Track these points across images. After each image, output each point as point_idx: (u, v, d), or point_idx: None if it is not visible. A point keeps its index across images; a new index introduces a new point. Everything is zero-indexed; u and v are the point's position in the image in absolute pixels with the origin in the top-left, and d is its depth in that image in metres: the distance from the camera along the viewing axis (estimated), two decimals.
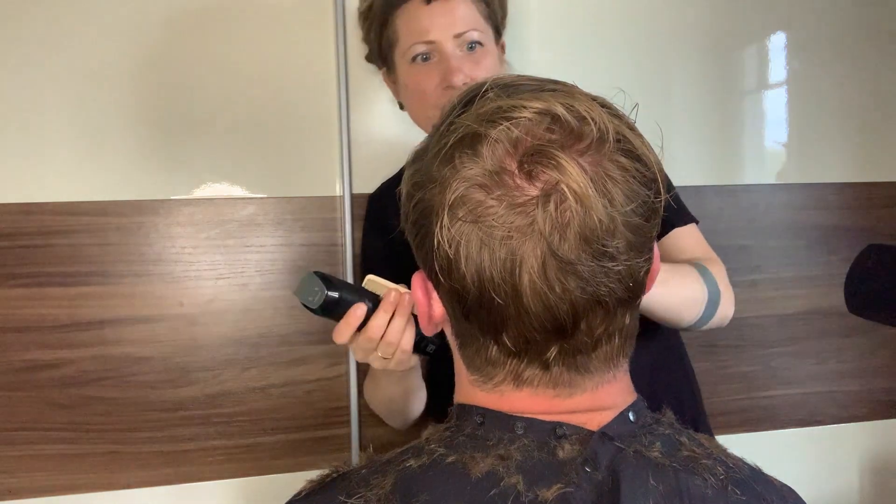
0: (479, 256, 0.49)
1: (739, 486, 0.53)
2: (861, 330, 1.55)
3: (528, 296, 0.49)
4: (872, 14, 1.51)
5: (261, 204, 1.30)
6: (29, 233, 1.22)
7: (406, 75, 1.05)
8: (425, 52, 1.01)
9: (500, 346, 0.52)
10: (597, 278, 0.49)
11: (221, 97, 1.27)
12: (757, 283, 1.49)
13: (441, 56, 1.01)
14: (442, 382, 0.78)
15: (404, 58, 1.04)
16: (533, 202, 0.47)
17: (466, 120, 0.50)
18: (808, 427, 1.55)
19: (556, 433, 0.53)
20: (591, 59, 1.40)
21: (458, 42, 1.01)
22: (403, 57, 1.04)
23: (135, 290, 1.26)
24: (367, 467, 0.56)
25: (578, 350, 0.52)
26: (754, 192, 1.49)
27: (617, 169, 0.49)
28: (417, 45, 1.01)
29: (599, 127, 0.48)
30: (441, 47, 1.00)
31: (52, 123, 1.22)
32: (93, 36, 1.23)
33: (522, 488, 0.49)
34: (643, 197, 0.50)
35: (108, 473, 1.26)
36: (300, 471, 1.33)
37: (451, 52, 1.00)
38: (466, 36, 1.01)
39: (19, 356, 1.23)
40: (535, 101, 0.49)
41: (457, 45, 1.01)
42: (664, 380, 1.08)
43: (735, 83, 1.47)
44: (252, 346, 1.30)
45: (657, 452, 0.53)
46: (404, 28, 1.03)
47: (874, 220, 1.54)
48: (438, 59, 1.01)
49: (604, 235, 0.48)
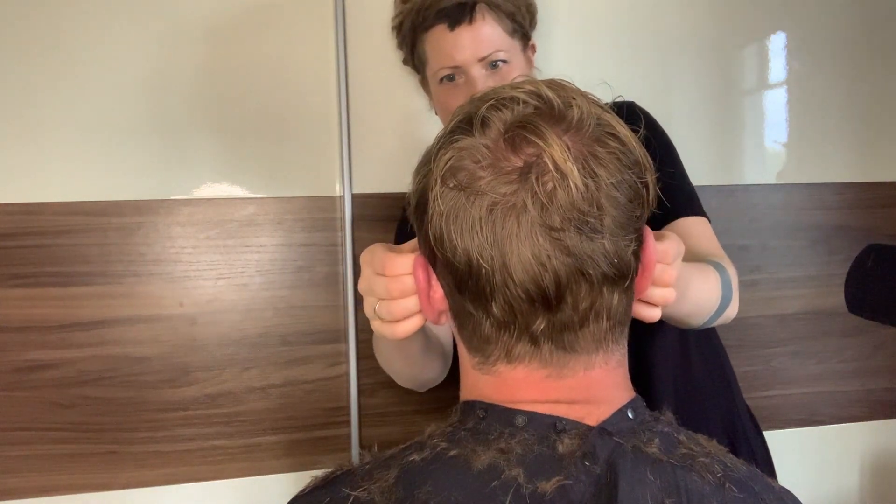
0: (468, 224, 0.51)
1: (737, 485, 0.54)
2: (861, 330, 1.55)
3: (513, 264, 0.51)
4: (872, 14, 1.51)
5: (261, 204, 1.30)
6: (29, 233, 1.22)
7: (436, 93, 1.10)
8: (452, 74, 1.05)
9: (491, 320, 0.54)
10: (580, 250, 0.51)
11: (221, 97, 1.27)
12: (757, 283, 1.50)
13: (467, 78, 1.04)
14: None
15: (434, 77, 1.08)
16: (517, 172, 0.50)
17: (463, 107, 0.55)
18: (809, 427, 1.55)
19: (557, 427, 0.53)
20: (591, 58, 1.41)
21: (484, 64, 1.04)
22: (433, 77, 1.08)
23: (135, 290, 1.26)
24: (370, 463, 0.57)
25: (565, 326, 0.53)
26: (754, 192, 1.49)
27: (600, 148, 0.52)
28: (444, 68, 1.05)
29: (583, 110, 0.52)
30: (466, 70, 1.04)
31: (52, 123, 1.22)
32: (92, 37, 1.23)
33: (523, 480, 0.50)
34: (626, 176, 0.52)
35: (107, 473, 1.26)
36: (300, 471, 1.33)
37: (476, 75, 1.03)
38: (491, 57, 1.03)
39: (19, 356, 1.23)
40: (526, 84, 0.54)
41: (482, 67, 1.04)
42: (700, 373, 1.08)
43: (735, 83, 1.47)
44: (252, 346, 1.30)
45: (655, 448, 0.54)
46: (431, 52, 1.07)
47: (874, 220, 1.54)
48: (465, 81, 1.05)
49: (586, 208, 0.50)
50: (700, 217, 1.03)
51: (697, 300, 0.85)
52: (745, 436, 1.11)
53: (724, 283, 0.90)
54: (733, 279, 0.94)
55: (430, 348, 0.96)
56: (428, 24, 1.06)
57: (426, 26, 1.06)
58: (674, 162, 1.05)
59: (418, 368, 1.00)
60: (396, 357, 0.98)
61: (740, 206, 1.48)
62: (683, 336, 1.07)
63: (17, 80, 1.21)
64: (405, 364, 1.00)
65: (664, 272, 0.66)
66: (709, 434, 0.60)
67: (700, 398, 1.08)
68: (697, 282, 0.84)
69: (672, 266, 0.67)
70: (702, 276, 0.86)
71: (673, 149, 1.07)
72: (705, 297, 0.87)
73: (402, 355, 0.97)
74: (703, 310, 0.88)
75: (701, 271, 0.87)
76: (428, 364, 0.99)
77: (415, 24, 1.08)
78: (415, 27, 1.08)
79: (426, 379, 1.04)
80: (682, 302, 0.78)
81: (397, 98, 1.33)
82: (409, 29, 1.10)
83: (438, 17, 1.04)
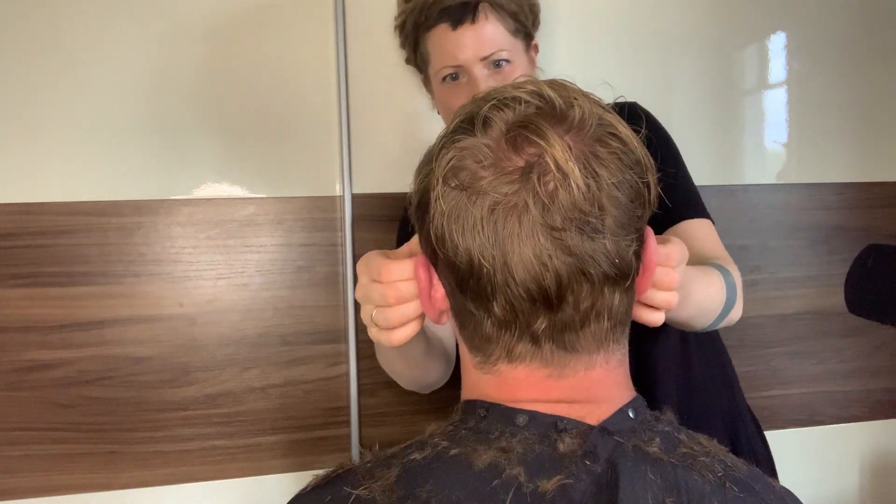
0: (470, 224, 0.51)
1: (737, 484, 0.54)
2: (861, 330, 1.55)
3: (514, 263, 0.51)
4: (872, 14, 1.51)
5: (261, 204, 1.30)
6: (29, 233, 1.22)
7: (438, 93, 1.11)
8: (454, 73, 1.06)
9: (492, 319, 0.54)
10: (581, 250, 0.51)
11: (221, 97, 1.27)
12: (757, 283, 1.50)
13: (469, 77, 1.04)
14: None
15: (436, 77, 1.08)
16: (518, 172, 0.50)
17: (465, 107, 0.55)
18: (809, 427, 1.55)
19: (557, 427, 0.53)
20: (592, 59, 1.41)
21: (486, 63, 1.04)
22: (436, 76, 1.09)
23: (135, 290, 1.26)
24: (371, 461, 0.57)
25: (566, 325, 0.53)
26: (754, 192, 1.49)
27: (601, 148, 0.52)
28: (446, 68, 1.05)
29: (585, 111, 0.52)
30: (469, 69, 1.04)
31: (52, 123, 1.22)
32: (92, 37, 1.23)
33: (524, 479, 0.50)
34: (628, 176, 0.52)
35: (107, 473, 1.26)
36: (300, 471, 1.33)
37: (478, 74, 1.03)
38: (493, 56, 1.04)
39: (19, 356, 1.23)
40: (528, 84, 0.54)
41: (484, 66, 1.04)
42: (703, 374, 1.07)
43: (735, 83, 1.47)
44: (252, 346, 1.30)
45: (656, 448, 0.54)
46: (434, 50, 1.07)
47: (874, 220, 1.54)
48: (467, 80, 1.05)
49: (588, 208, 0.50)
50: (704, 219, 1.03)
51: (701, 303, 0.85)
52: (746, 436, 1.11)
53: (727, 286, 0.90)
54: (737, 282, 0.93)
55: (432, 351, 0.96)
56: (431, 24, 1.06)
57: (429, 25, 1.06)
58: (677, 163, 1.05)
59: (420, 371, 1.00)
60: (398, 360, 0.98)
61: (740, 206, 1.48)
62: (685, 336, 1.07)
63: (17, 80, 1.21)
64: (407, 367, 0.99)
65: (667, 276, 0.65)
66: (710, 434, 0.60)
67: (702, 398, 1.08)
68: (701, 285, 0.83)
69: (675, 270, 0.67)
70: (705, 280, 0.85)
71: (676, 150, 1.06)
72: (709, 301, 0.87)
73: (403, 359, 0.96)
74: (706, 313, 0.88)
75: (704, 274, 0.86)
76: (430, 367, 0.99)
77: (417, 23, 1.08)
78: (417, 26, 1.09)
79: (428, 381, 1.04)
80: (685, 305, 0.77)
81: (397, 98, 1.33)
82: (411, 28, 1.10)
83: (441, 17, 1.04)
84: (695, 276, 0.81)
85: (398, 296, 0.63)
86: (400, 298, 0.64)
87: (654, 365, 1.04)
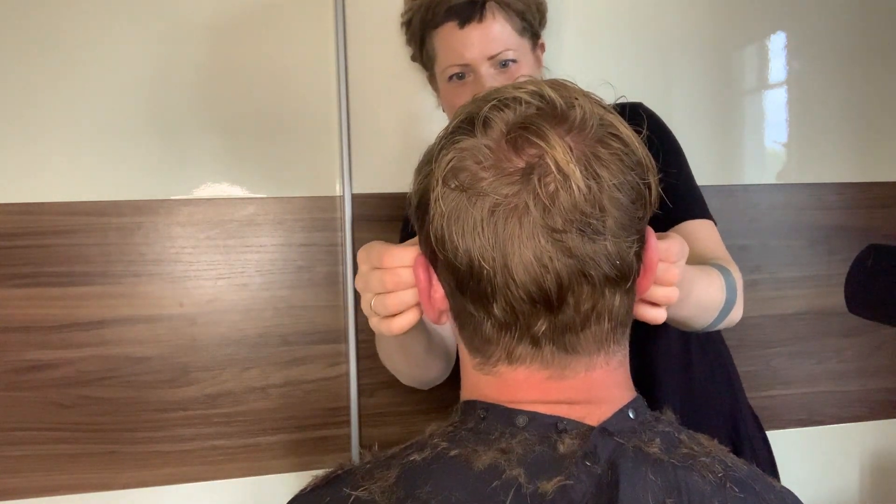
0: (470, 225, 0.51)
1: (738, 485, 0.53)
2: (861, 330, 1.55)
3: (514, 265, 0.50)
4: (872, 14, 1.51)
5: (261, 204, 1.30)
6: (29, 233, 1.22)
7: (444, 91, 1.11)
8: (461, 72, 1.06)
9: (492, 321, 0.54)
10: (582, 251, 0.50)
11: (221, 97, 1.27)
12: (757, 283, 1.50)
13: (476, 76, 1.04)
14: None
15: (443, 75, 1.08)
16: (519, 173, 0.50)
17: (465, 107, 0.55)
18: (809, 427, 1.55)
19: (558, 428, 0.53)
20: (592, 59, 1.41)
21: (493, 62, 1.04)
22: (442, 74, 1.09)
23: (135, 290, 1.26)
24: (371, 462, 0.56)
25: (567, 327, 0.53)
26: (754, 192, 1.49)
27: (602, 149, 0.51)
28: (452, 66, 1.05)
29: (586, 111, 0.52)
30: (475, 68, 1.04)
31: (52, 123, 1.22)
32: (92, 37, 1.23)
33: (524, 480, 0.50)
34: (629, 177, 0.52)
35: (107, 473, 1.26)
36: (300, 471, 1.33)
37: (484, 73, 1.04)
38: (500, 56, 1.04)
39: (19, 356, 1.23)
40: (529, 84, 0.54)
41: (491, 65, 1.04)
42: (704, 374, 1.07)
43: (735, 83, 1.47)
44: (252, 346, 1.30)
45: (656, 448, 0.53)
46: (441, 49, 1.07)
47: (874, 220, 1.54)
48: (474, 79, 1.05)
49: (589, 209, 0.50)
50: (706, 220, 1.02)
51: (701, 302, 0.84)
52: (747, 436, 1.10)
53: (728, 286, 0.89)
54: (738, 283, 0.93)
55: (433, 348, 0.95)
56: (437, 22, 1.06)
57: (436, 23, 1.06)
58: (680, 164, 1.04)
59: (421, 368, 0.99)
60: (399, 356, 0.98)
61: (740, 206, 1.48)
62: (686, 337, 1.07)
63: (17, 80, 1.21)
64: (407, 363, 0.99)
65: (667, 271, 0.65)
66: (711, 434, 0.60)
67: (703, 398, 1.08)
68: (701, 284, 0.83)
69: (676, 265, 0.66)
70: (706, 279, 0.85)
71: (679, 151, 1.06)
72: (709, 300, 0.86)
73: (403, 354, 0.96)
74: (706, 312, 0.87)
75: (705, 274, 0.86)
76: (431, 363, 0.98)
77: (424, 20, 1.08)
78: (424, 24, 1.08)
79: (429, 378, 1.03)
80: (685, 304, 0.77)
81: (397, 98, 1.33)
82: (418, 25, 1.10)
83: (448, 15, 1.04)
84: (695, 276, 0.80)
85: (397, 281, 0.62)
86: (399, 284, 0.62)
87: (656, 365, 1.04)
